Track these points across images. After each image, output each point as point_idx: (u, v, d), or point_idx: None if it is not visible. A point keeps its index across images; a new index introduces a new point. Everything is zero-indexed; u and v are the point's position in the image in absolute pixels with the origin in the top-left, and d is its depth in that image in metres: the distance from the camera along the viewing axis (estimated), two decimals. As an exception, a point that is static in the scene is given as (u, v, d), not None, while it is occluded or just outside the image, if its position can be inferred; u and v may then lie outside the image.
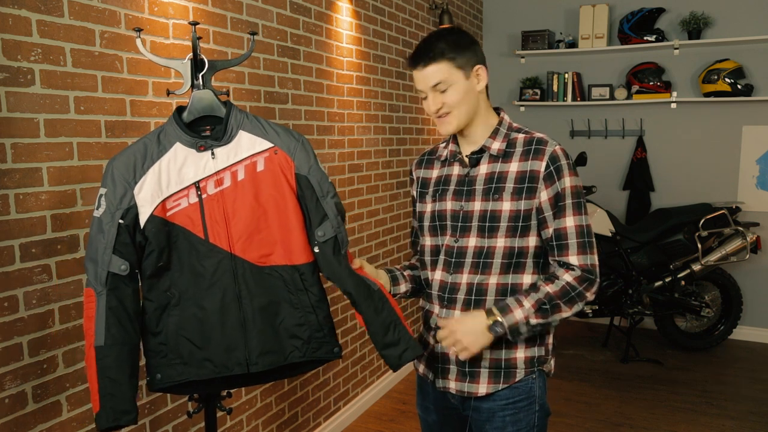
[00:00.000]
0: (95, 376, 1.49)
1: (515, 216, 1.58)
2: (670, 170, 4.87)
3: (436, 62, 1.56)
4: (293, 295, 1.63)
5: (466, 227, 1.62)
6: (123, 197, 1.51)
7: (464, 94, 1.59)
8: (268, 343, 1.62)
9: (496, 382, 1.63)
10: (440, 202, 1.68)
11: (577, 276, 1.56)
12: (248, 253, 1.59)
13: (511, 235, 1.59)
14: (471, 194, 1.63)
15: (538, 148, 1.59)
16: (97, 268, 1.50)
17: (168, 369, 1.59)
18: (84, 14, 1.87)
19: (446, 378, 1.68)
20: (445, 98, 1.58)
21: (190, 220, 1.57)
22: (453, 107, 1.59)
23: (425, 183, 1.75)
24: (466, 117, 1.62)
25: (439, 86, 1.57)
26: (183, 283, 1.58)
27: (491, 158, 1.63)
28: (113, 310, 1.50)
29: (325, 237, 1.61)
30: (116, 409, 1.49)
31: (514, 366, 1.63)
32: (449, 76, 1.56)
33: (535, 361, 1.65)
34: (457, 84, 1.58)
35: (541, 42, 5.01)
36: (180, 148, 1.57)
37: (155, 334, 1.58)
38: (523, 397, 1.64)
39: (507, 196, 1.58)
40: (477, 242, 1.61)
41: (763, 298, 4.69)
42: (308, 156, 1.63)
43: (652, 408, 3.61)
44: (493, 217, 1.59)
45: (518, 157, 1.61)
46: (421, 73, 1.58)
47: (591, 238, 1.59)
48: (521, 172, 1.59)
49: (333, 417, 3.33)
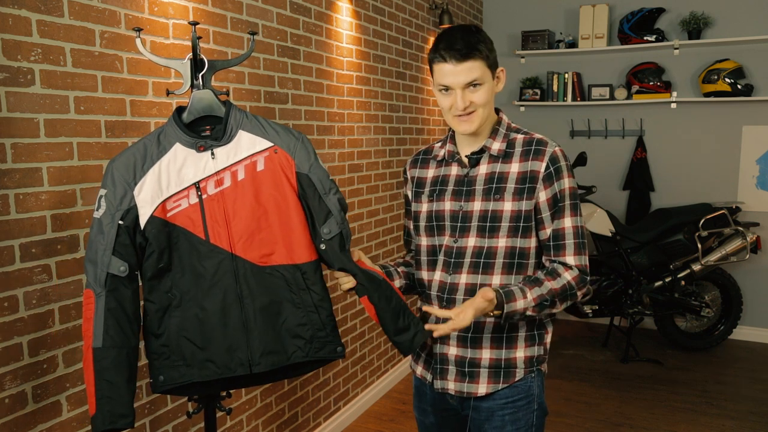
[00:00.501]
0: (92, 378, 1.48)
1: (517, 216, 1.58)
2: (670, 170, 4.87)
3: (474, 59, 1.52)
4: (295, 295, 1.63)
5: (466, 227, 1.62)
6: (123, 198, 1.51)
7: (490, 95, 1.59)
8: (271, 344, 1.61)
9: (495, 381, 1.63)
10: (438, 202, 1.67)
11: (576, 276, 1.59)
12: (249, 253, 1.59)
13: (512, 235, 1.58)
14: (471, 194, 1.62)
15: (539, 148, 1.59)
16: (96, 269, 1.49)
17: (171, 371, 1.59)
18: (84, 14, 1.87)
19: (445, 379, 1.67)
20: (474, 97, 1.55)
21: (191, 221, 1.56)
22: (479, 106, 1.57)
23: (421, 183, 1.74)
24: (487, 118, 1.61)
25: (474, 83, 1.54)
26: (184, 284, 1.58)
27: (491, 158, 1.63)
28: (112, 312, 1.50)
29: (331, 234, 1.61)
30: (113, 412, 1.48)
31: (514, 366, 1.63)
32: (483, 74, 1.55)
33: (534, 361, 1.65)
34: (487, 84, 1.57)
35: (541, 42, 5.01)
36: (180, 148, 1.56)
37: (157, 335, 1.58)
38: (522, 396, 1.64)
39: (509, 196, 1.58)
40: (477, 242, 1.60)
41: (763, 298, 4.69)
42: (309, 154, 1.62)
43: (652, 408, 3.61)
44: (495, 217, 1.58)
45: (518, 157, 1.60)
46: (456, 68, 1.53)
47: (585, 239, 1.62)
48: (522, 172, 1.59)
49: (333, 417, 3.33)
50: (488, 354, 1.62)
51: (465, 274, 1.61)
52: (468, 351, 1.63)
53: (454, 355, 1.65)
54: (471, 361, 1.63)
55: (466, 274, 1.61)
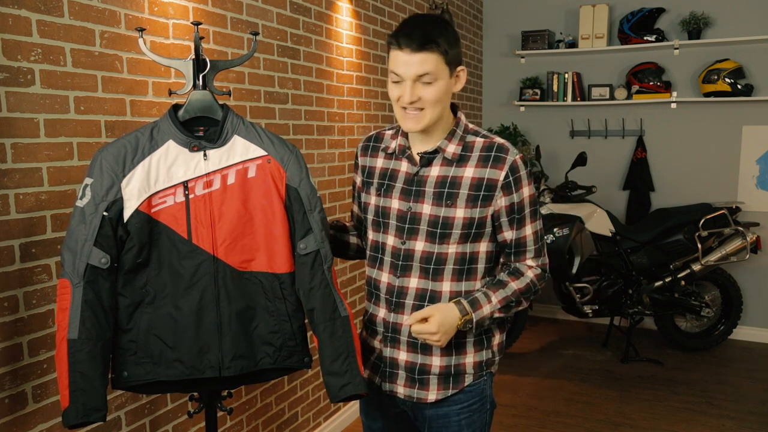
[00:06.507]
0: (66, 370, 1.46)
1: (469, 223, 1.54)
2: (670, 170, 4.87)
3: (430, 51, 1.43)
4: (270, 303, 1.63)
5: (414, 230, 1.57)
6: (110, 189, 1.49)
7: (444, 93, 1.49)
8: (241, 348, 1.61)
9: (445, 388, 1.62)
10: (385, 198, 1.62)
11: (538, 273, 1.62)
12: (230, 257, 1.59)
13: (463, 241, 1.56)
14: (420, 195, 1.57)
15: (498, 155, 1.53)
16: (75, 259, 1.47)
17: (136, 367, 1.57)
18: (84, 14, 1.87)
19: (394, 382, 1.65)
20: (424, 92, 1.46)
21: (175, 219, 1.56)
22: (429, 104, 1.48)
23: (370, 172, 1.68)
24: (437, 117, 1.52)
25: (425, 78, 1.45)
26: (159, 281, 1.57)
27: (444, 161, 1.56)
28: (89, 303, 1.47)
29: (307, 250, 1.60)
30: (87, 405, 1.46)
31: (464, 371, 1.62)
32: (438, 70, 1.45)
33: (484, 365, 1.65)
34: (442, 81, 1.47)
35: (541, 42, 5.02)
36: (173, 145, 1.56)
37: (126, 331, 1.56)
38: (476, 400, 1.65)
39: (461, 203, 1.53)
40: (426, 247, 1.56)
41: (763, 298, 4.69)
42: (300, 169, 1.62)
43: (652, 408, 3.62)
44: (446, 224, 1.54)
45: (475, 162, 1.54)
46: (410, 58, 1.43)
47: (544, 239, 1.64)
48: (478, 178, 1.53)
49: (333, 417, 3.33)
50: (438, 361, 1.60)
51: (414, 278, 1.58)
52: (419, 357, 1.61)
53: (405, 361, 1.62)
54: (421, 367, 1.61)
55: (416, 279, 1.58)
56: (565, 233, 4.09)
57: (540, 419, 3.49)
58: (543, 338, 4.82)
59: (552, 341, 4.76)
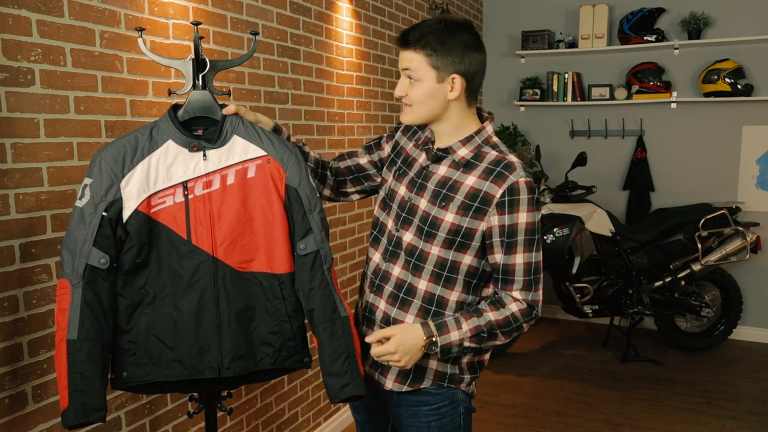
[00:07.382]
0: (65, 371, 1.46)
1: (455, 230, 1.53)
2: (670, 170, 4.87)
3: (414, 50, 1.50)
4: (270, 303, 1.62)
5: (409, 220, 1.60)
6: (109, 189, 1.49)
7: (428, 96, 1.52)
8: (241, 349, 1.61)
9: (402, 382, 1.63)
10: (397, 182, 1.66)
11: (523, 309, 1.53)
12: (230, 257, 1.59)
13: (447, 247, 1.55)
14: (422, 189, 1.59)
15: (502, 172, 1.51)
16: (74, 259, 1.47)
17: (135, 368, 1.57)
18: (84, 14, 1.87)
19: (365, 362, 1.67)
20: (410, 90, 1.54)
21: (174, 219, 1.56)
22: (413, 102, 1.55)
23: (399, 153, 1.72)
24: (425, 118, 1.57)
25: (408, 73, 1.53)
26: (159, 281, 1.57)
27: (453, 163, 1.57)
28: (88, 304, 1.47)
29: (307, 251, 1.60)
30: (86, 405, 1.46)
31: (423, 374, 1.62)
32: (420, 70, 1.51)
33: (447, 378, 1.63)
34: (426, 83, 1.51)
35: (541, 42, 5.02)
36: (172, 145, 1.55)
37: (125, 331, 1.56)
38: (446, 403, 1.64)
39: (453, 208, 1.53)
40: (414, 241, 1.58)
41: (763, 298, 4.69)
42: (300, 169, 1.61)
43: (652, 408, 3.62)
44: (434, 224, 1.55)
45: (479, 172, 1.53)
46: (401, 53, 1.54)
47: (538, 274, 1.55)
48: (475, 189, 1.52)
49: (333, 417, 3.33)
50: None
51: (398, 267, 1.61)
52: None
53: None
54: None
55: (399, 268, 1.61)
56: (565, 233, 4.09)
57: (540, 419, 3.49)
58: (543, 338, 4.82)
59: (552, 341, 4.76)
